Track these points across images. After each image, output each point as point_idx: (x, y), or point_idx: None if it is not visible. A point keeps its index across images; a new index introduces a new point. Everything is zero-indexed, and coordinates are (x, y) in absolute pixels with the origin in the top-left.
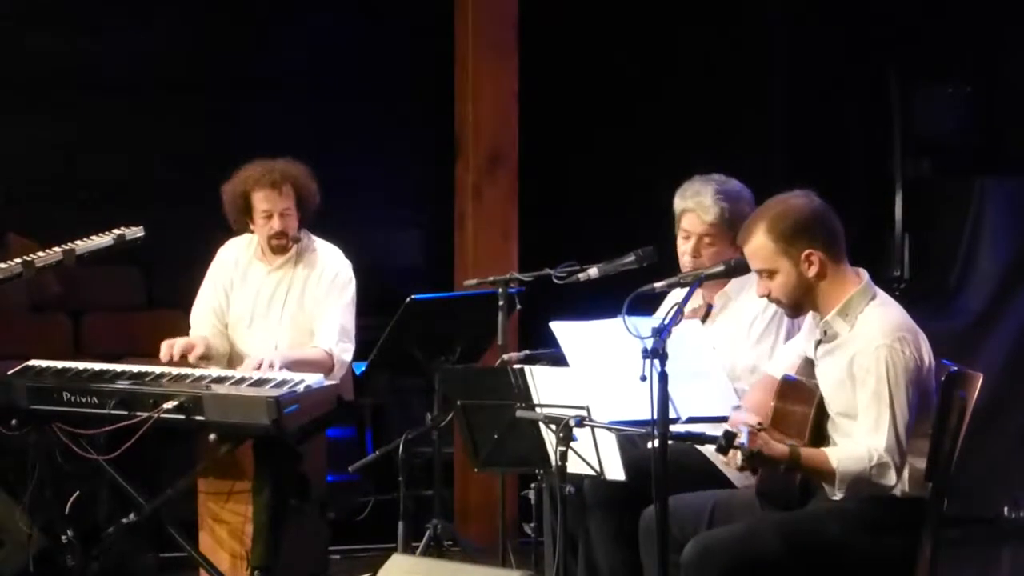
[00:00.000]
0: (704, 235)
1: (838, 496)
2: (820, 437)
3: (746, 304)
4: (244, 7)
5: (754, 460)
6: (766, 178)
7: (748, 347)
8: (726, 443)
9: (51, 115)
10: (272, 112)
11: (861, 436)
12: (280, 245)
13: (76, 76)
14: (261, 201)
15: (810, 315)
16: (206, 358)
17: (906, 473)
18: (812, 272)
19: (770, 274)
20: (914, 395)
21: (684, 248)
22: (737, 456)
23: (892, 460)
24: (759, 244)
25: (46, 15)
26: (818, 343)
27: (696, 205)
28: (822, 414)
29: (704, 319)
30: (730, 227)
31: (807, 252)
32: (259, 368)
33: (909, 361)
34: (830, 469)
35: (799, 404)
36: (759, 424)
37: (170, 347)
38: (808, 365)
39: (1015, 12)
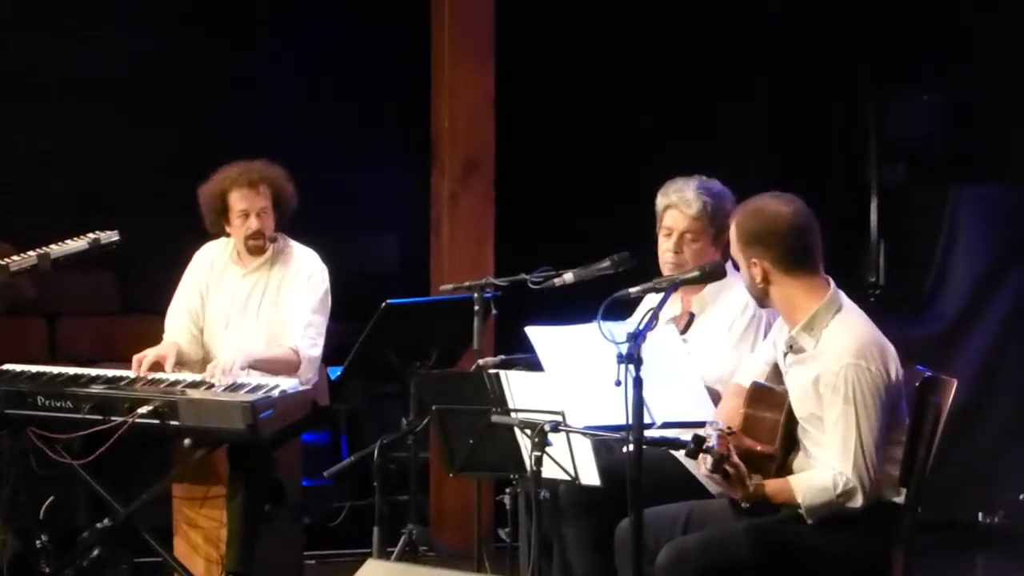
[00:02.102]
0: (687, 231)
1: (809, 522)
2: (791, 442)
3: (724, 308)
4: (221, 11)
5: (723, 464)
6: (743, 183)
7: (727, 350)
8: (695, 447)
9: (25, 119)
10: (248, 116)
11: (828, 456)
12: (257, 246)
13: (52, 79)
14: (238, 201)
15: (778, 322)
16: (180, 364)
17: (881, 478)
18: (758, 276)
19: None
20: (882, 411)
21: (666, 245)
22: (707, 460)
23: (859, 482)
24: (731, 234)
25: (22, 19)
26: (786, 353)
27: (679, 200)
28: (792, 420)
29: (685, 329)
30: (712, 222)
31: (753, 260)
32: (222, 372)
33: (876, 378)
34: (795, 503)
35: (769, 410)
36: (728, 428)
37: (139, 362)
38: (776, 372)
39: (991, 20)
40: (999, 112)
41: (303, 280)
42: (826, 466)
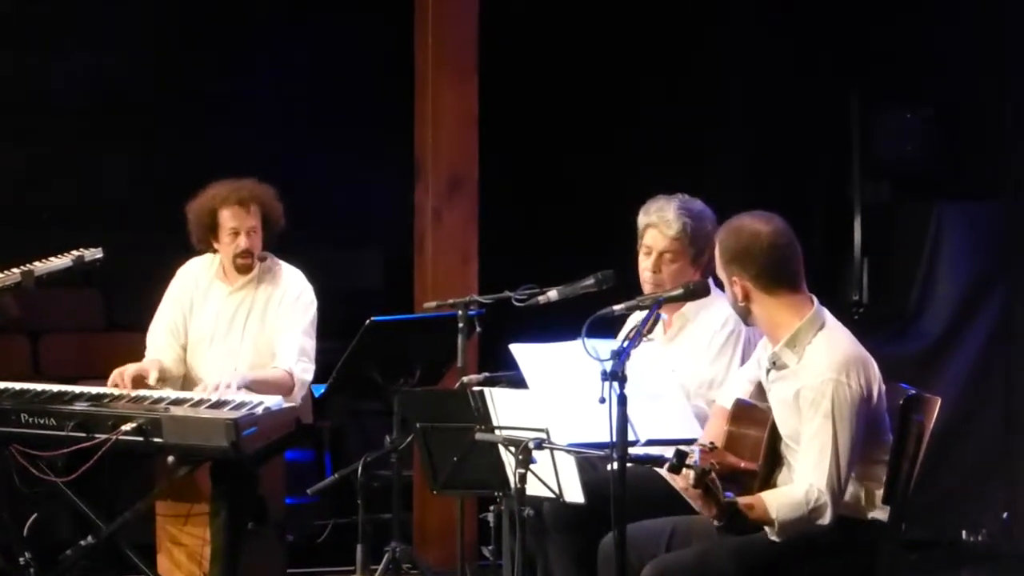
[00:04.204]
0: (666, 251)
1: (775, 539)
2: (775, 459)
3: (703, 324)
4: (202, 29)
5: (705, 478)
6: (726, 201)
7: (707, 363)
8: (678, 462)
9: (9, 137)
10: (231, 134)
11: (802, 470)
12: (245, 264)
13: (37, 97)
14: (229, 219)
15: (762, 340)
16: (162, 380)
17: (863, 497)
18: (739, 294)
19: None
20: (860, 427)
21: (645, 264)
22: (690, 475)
23: (830, 498)
24: (716, 252)
25: (5, 36)
26: (768, 370)
27: (659, 220)
28: (775, 437)
29: (650, 329)
30: (691, 243)
31: (733, 278)
32: (216, 390)
33: (855, 394)
34: (770, 519)
35: (753, 427)
36: (711, 444)
37: (120, 376)
38: (760, 390)
39: (974, 37)
40: (983, 130)
41: (291, 300)
42: (801, 480)
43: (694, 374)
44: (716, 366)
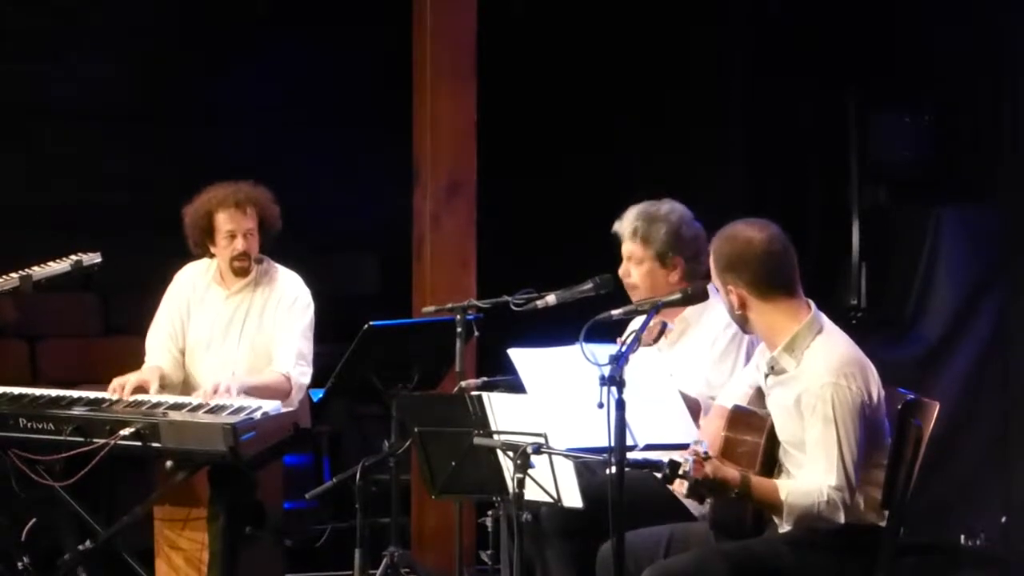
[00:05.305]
0: (630, 256)
1: (785, 528)
2: (771, 465)
3: (706, 327)
4: (201, 33)
5: (699, 488)
6: (724, 206)
7: (710, 367)
8: (671, 472)
9: (7, 142)
10: (230, 139)
11: (811, 474)
12: (242, 267)
13: (37, 102)
14: (225, 222)
15: (761, 346)
16: (162, 388)
17: (862, 501)
18: (735, 302)
19: None
20: (862, 430)
21: (620, 271)
22: (683, 485)
23: (842, 498)
24: (711, 261)
25: (4, 44)
26: (767, 375)
27: (621, 226)
28: (773, 443)
29: (657, 338)
30: (649, 246)
31: (729, 286)
32: (215, 391)
33: (856, 397)
34: (778, 501)
35: (750, 433)
36: (705, 452)
37: (121, 387)
38: (759, 394)
39: (972, 40)
40: (980, 134)
41: (288, 304)
42: (811, 478)
43: (698, 377)
44: (720, 368)
